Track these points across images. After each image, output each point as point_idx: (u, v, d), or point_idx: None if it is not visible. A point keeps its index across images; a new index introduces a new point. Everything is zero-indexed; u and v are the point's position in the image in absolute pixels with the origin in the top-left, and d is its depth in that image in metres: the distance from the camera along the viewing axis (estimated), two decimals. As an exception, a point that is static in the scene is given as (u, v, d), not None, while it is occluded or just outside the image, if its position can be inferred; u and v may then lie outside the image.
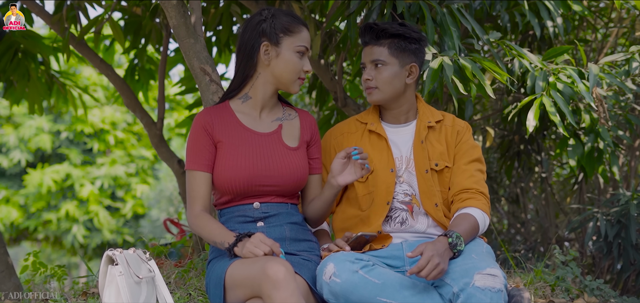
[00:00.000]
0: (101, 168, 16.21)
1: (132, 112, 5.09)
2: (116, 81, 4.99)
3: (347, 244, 3.16)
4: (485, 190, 3.33)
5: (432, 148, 3.38)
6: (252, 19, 3.24)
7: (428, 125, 3.41)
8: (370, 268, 2.97)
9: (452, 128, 3.43)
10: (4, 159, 16.07)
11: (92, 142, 16.31)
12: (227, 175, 3.16)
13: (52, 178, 15.53)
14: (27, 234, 16.96)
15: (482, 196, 3.30)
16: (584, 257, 5.73)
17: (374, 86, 3.37)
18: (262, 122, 3.29)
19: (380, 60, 3.35)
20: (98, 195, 15.94)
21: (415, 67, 3.39)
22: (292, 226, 3.22)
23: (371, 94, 3.39)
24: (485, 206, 3.28)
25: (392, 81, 3.36)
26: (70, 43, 4.85)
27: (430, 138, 3.41)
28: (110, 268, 2.91)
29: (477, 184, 3.32)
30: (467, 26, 3.93)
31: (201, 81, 3.73)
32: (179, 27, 3.72)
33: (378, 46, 3.36)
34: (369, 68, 3.39)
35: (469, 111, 4.92)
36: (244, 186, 3.15)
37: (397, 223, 3.34)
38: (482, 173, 3.38)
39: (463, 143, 3.40)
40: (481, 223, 3.22)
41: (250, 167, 3.16)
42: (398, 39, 3.35)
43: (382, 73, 3.35)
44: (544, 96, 3.87)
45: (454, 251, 3.02)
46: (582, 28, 5.74)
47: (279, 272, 2.77)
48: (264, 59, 3.21)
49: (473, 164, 3.37)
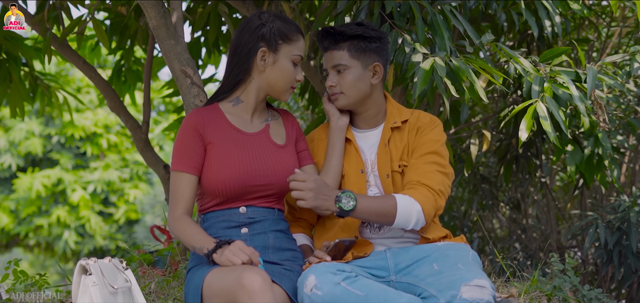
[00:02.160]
0: (94, 172, 16.21)
1: (117, 116, 5.07)
2: (100, 83, 4.97)
3: (327, 254, 3.15)
4: (431, 183, 3.23)
5: (396, 150, 3.37)
6: (251, 22, 3.24)
7: (392, 127, 3.39)
8: (352, 280, 2.95)
9: (414, 125, 3.40)
10: (-6, 164, 16.12)
11: (85, 146, 16.32)
12: (221, 176, 3.15)
13: (42, 183, 15.54)
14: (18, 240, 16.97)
15: (424, 187, 3.22)
16: (586, 265, 5.71)
17: (339, 91, 3.36)
18: (252, 124, 3.31)
19: (341, 64, 3.34)
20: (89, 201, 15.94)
21: (379, 67, 3.38)
22: (277, 234, 3.21)
23: (337, 100, 3.38)
24: (423, 197, 3.19)
25: (356, 84, 3.34)
26: (53, 44, 4.83)
27: (395, 139, 3.39)
28: (84, 278, 2.89)
29: (422, 175, 3.25)
30: (459, 28, 3.91)
31: (182, 83, 3.72)
32: (159, 28, 3.71)
33: (338, 50, 3.34)
34: (332, 74, 3.37)
35: (465, 114, 4.90)
36: (237, 187, 3.15)
37: (376, 227, 3.33)
38: (436, 165, 3.29)
39: (420, 138, 3.36)
40: (404, 208, 3.15)
41: (243, 167, 3.16)
42: (357, 40, 3.34)
43: (346, 77, 3.34)
44: (539, 102, 3.84)
45: (337, 206, 3.06)
46: (583, 27, 5.72)
47: (255, 282, 2.76)
48: (260, 65, 3.22)
49: (425, 157, 3.30)
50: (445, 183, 3.29)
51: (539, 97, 3.86)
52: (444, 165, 3.31)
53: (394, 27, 3.80)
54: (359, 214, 3.12)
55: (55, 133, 16.15)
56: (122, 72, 5.95)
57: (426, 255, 3.16)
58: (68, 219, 15.86)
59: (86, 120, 15.98)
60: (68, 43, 4.97)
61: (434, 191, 3.23)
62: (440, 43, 3.76)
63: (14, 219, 16.14)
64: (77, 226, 16.19)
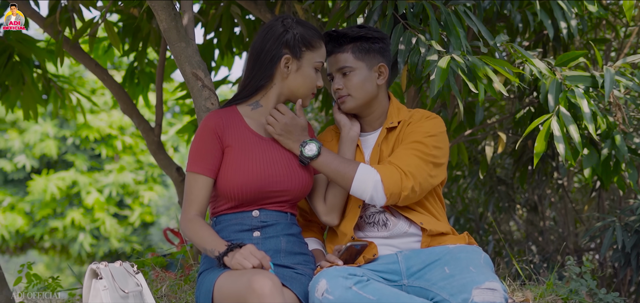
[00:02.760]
0: (109, 175, 16.27)
1: (129, 118, 5.10)
2: (112, 85, 5.00)
3: (338, 258, 3.15)
4: (400, 163, 3.23)
5: (387, 148, 3.37)
6: (274, 28, 3.24)
7: (387, 127, 3.39)
8: (364, 284, 2.94)
9: (407, 122, 3.39)
10: (8, 165, 16.18)
11: (99, 148, 16.39)
12: (238, 180, 3.15)
13: (56, 185, 15.61)
14: (33, 242, 17.06)
15: (392, 165, 3.23)
16: (604, 268, 5.68)
17: (346, 93, 3.36)
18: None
19: (346, 66, 3.34)
20: (104, 203, 16.01)
21: (384, 67, 3.39)
22: (289, 238, 3.21)
23: (344, 103, 3.38)
24: (386, 171, 3.20)
25: (363, 85, 3.35)
26: (65, 47, 4.86)
27: (388, 138, 3.39)
28: (94, 282, 2.91)
29: (394, 157, 3.27)
30: (473, 28, 3.90)
31: (193, 86, 3.73)
32: (170, 31, 3.71)
33: (342, 53, 3.35)
34: (337, 77, 3.38)
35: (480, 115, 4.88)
36: (254, 191, 3.15)
37: (381, 226, 3.32)
38: (414, 150, 3.26)
39: (408, 129, 3.36)
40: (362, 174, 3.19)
41: (260, 172, 3.16)
42: (360, 41, 3.35)
43: (352, 79, 3.34)
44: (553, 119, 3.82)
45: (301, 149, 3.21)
46: (600, 27, 5.69)
47: (264, 285, 2.77)
48: (283, 72, 3.23)
49: (407, 145, 3.30)
50: (421, 168, 3.25)
51: (554, 110, 3.83)
52: (426, 153, 3.27)
53: (407, 27, 3.79)
54: (319, 165, 3.22)
55: (70, 135, 16.22)
56: (135, 74, 5.97)
57: (438, 258, 3.15)
58: (83, 221, 15.93)
59: (101, 122, 16.05)
60: (80, 45, 4.99)
61: (401, 171, 3.22)
62: (455, 43, 3.75)
63: (29, 221, 16.22)
64: (92, 229, 16.25)
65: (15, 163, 16.18)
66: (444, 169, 3.37)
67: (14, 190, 16.41)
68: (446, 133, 3.39)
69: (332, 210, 3.37)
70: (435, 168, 3.30)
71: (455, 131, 5.18)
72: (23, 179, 16.50)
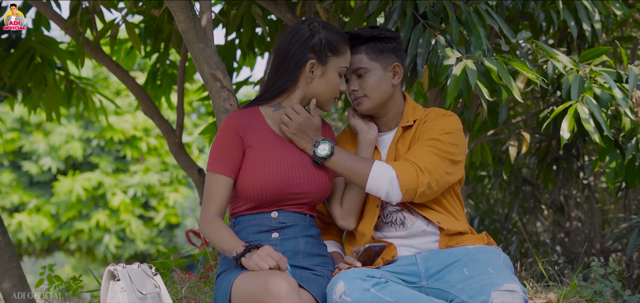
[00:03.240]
0: (134, 176, 16.35)
1: (151, 119, 5.12)
2: (133, 86, 5.02)
3: (356, 260, 3.15)
4: (416, 159, 3.23)
5: (403, 147, 3.37)
6: (300, 31, 3.25)
7: (403, 126, 3.39)
8: (382, 286, 2.95)
9: (423, 120, 3.39)
10: (34, 167, 16.31)
11: (124, 149, 16.48)
12: (258, 181, 3.16)
13: (82, 186, 15.72)
14: (59, 244, 17.18)
15: (408, 162, 3.22)
16: (631, 269, 5.63)
17: (362, 95, 3.37)
18: None
19: (362, 67, 3.35)
20: (130, 204, 16.09)
21: (398, 67, 3.38)
22: (307, 239, 3.22)
23: (361, 104, 3.38)
24: (401, 167, 3.20)
25: (379, 86, 3.36)
26: (86, 48, 4.89)
27: (404, 137, 3.39)
28: (112, 283, 2.93)
29: (410, 154, 3.26)
30: (494, 26, 3.88)
31: (212, 87, 3.74)
32: (188, 32, 3.73)
33: (356, 54, 3.36)
34: (353, 79, 3.38)
35: (503, 115, 4.86)
36: (273, 193, 3.16)
37: (399, 225, 3.31)
38: (431, 147, 3.26)
39: (424, 127, 3.36)
40: (377, 171, 3.19)
41: (279, 174, 3.17)
42: (374, 42, 3.36)
43: (367, 80, 3.35)
44: (579, 103, 3.79)
45: (313, 149, 3.21)
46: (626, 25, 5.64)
47: (281, 287, 2.79)
48: (308, 76, 3.24)
49: (423, 142, 3.29)
50: (437, 164, 3.24)
51: (579, 98, 3.81)
52: (442, 149, 3.26)
53: (427, 27, 3.78)
54: (333, 164, 3.23)
55: (94, 137, 16.32)
56: (158, 75, 6.00)
57: (457, 259, 3.14)
58: (108, 223, 16.02)
59: (125, 123, 16.12)
60: (101, 47, 5.03)
61: (416, 167, 3.21)
62: (476, 42, 3.74)
63: (55, 223, 16.34)
64: (117, 231, 16.34)
65: (40, 165, 16.30)
66: (461, 167, 3.36)
67: (39, 192, 16.54)
68: (463, 131, 3.38)
69: (348, 214, 3.36)
70: (452, 165, 3.29)
71: (478, 131, 5.16)
72: (48, 181, 16.62)
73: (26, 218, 16.05)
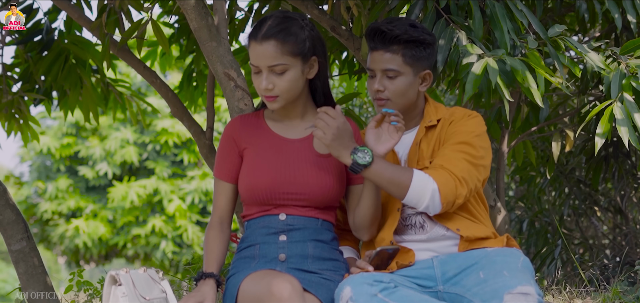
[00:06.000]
0: (191, 181, 16.49)
1: (180, 121, 5.17)
2: (161, 88, 5.07)
3: (369, 264, 3.14)
4: (454, 168, 3.18)
5: (427, 147, 3.33)
6: None
7: (426, 125, 3.36)
8: (391, 291, 2.94)
9: (448, 120, 3.35)
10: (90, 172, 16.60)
11: (181, 153, 16.65)
12: (248, 182, 3.23)
13: (136, 192, 15.93)
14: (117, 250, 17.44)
15: (446, 171, 3.17)
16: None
17: (387, 97, 3.31)
18: (294, 128, 3.34)
19: (393, 69, 3.29)
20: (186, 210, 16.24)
21: (429, 75, 3.34)
22: (317, 243, 3.23)
23: (383, 106, 3.33)
24: (442, 179, 3.15)
25: (406, 92, 3.31)
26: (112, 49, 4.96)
27: (428, 137, 3.36)
28: (114, 289, 2.98)
29: (446, 161, 3.21)
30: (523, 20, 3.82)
31: (226, 87, 3.77)
32: (200, 30, 3.77)
33: (390, 53, 3.29)
34: (380, 77, 3.32)
35: (545, 111, 4.80)
36: (266, 193, 3.20)
37: (418, 228, 3.30)
38: (464, 154, 3.22)
39: (451, 128, 3.31)
40: (418, 182, 3.12)
41: (272, 174, 3.21)
42: (412, 45, 3.28)
43: (396, 84, 3.30)
44: (616, 104, 3.71)
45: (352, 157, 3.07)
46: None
47: (284, 289, 2.85)
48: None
49: (454, 146, 3.25)
50: (472, 173, 3.22)
51: (617, 96, 3.74)
52: (475, 156, 3.24)
53: (450, 22, 3.75)
54: (372, 174, 3.12)
55: (150, 141, 16.53)
56: (193, 76, 6.05)
57: (475, 262, 3.12)
58: (164, 229, 16.21)
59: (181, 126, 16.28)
60: (128, 48, 5.09)
61: (456, 177, 3.18)
62: (500, 37, 3.69)
63: (112, 229, 16.60)
64: (174, 237, 16.52)
65: (96, 171, 16.59)
66: (488, 169, 3.34)
67: (96, 197, 16.82)
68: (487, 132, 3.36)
69: (360, 228, 3.35)
70: (484, 170, 3.28)
71: (519, 128, 5.10)
72: (105, 186, 16.89)
73: (83, 223, 16.34)
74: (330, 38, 5.14)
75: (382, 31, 3.29)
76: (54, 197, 16.74)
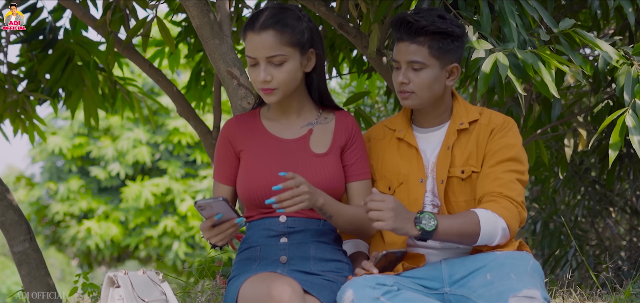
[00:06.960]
0: (203, 181, 16.50)
1: (186, 121, 5.16)
2: (167, 87, 5.06)
3: (374, 265, 3.09)
4: (513, 195, 3.11)
5: (460, 153, 3.23)
6: None
7: (458, 128, 3.26)
8: (394, 294, 2.90)
9: (486, 127, 3.24)
10: (102, 173, 16.63)
11: (194, 153, 16.67)
12: (245, 185, 3.21)
13: (150, 192, 15.95)
14: (129, 252, 17.47)
15: (507, 200, 3.09)
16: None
17: (411, 90, 3.21)
18: (291, 128, 3.29)
19: (418, 61, 3.18)
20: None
21: (456, 69, 3.24)
22: (319, 244, 3.19)
23: (406, 99, 3.24)
24: (506, 212, 3.07)
25: (431, 86, 3.21)
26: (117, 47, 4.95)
27: (461, 141, 3.24)
28: (111, 290, 2.96)
29: (503, 187, 3.12)
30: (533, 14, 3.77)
31: (229, 85, 3.75)
32: (202, 28, 3.75)
33: (416, 45, 3.18)
34: (405, 69, 3.21)
35: (557, 110, 4.74)
36: (262, 196, 3.16)
37: None
38: (516, 173, 3.15)
39: (494, 142, 3.20)
40: (488, 226, 3.03)
41: (267, 176, 3.17)
42: (440, 37, 3.18)
43: (421, 76, 3.19)
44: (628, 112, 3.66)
45: (418, 227, 2.95)
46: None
47: (283, 292, 2.81)
48: None
49: (502, 165, 3.16)
50: (523, 193, 3.17)
51: (630, 104, 3.68)
52: (523, 172, 3.19)
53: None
54: (440, 235, 3.01)
55: (162, 141, 16.55)
56: (201, 75, 6.03)
57: (483, 265, 3.05)
58: (177, 229, 16.22)
59: (193, 126, 16.30)
60: (134, 46, 5.08)
61: (517, 204, 3.12)
62: (509, 33, 3.64)
63: (124, 230, 16.62)
64: (186, 238, 16.53)
65: (108, 171, 16.62)
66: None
67: (108, 198, 16.85)
68: None
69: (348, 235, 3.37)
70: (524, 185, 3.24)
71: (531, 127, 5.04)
72: (117, 187, 16.92)
73: (95, 225, 16.38)
74: (338, 36, 5.10)
75: (408, 22, 3.18)
76: (65, 198, 16.79)
